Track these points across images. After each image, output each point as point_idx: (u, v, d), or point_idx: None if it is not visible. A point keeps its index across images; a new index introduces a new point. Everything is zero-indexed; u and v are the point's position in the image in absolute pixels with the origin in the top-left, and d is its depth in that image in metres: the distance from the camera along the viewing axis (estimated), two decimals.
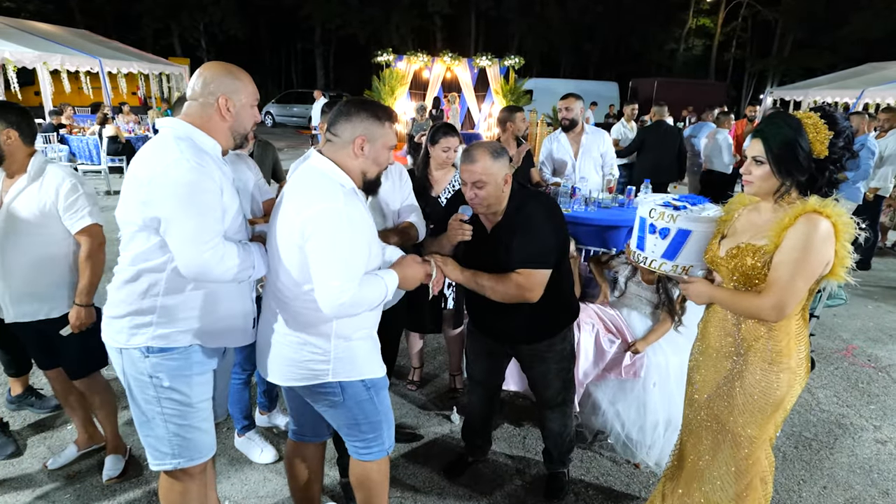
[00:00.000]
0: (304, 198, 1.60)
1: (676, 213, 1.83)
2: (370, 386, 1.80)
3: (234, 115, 1.68)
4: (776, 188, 1.68)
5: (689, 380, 2.08)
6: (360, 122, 1.65)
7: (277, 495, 2.48)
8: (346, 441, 1.90)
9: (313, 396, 1.80)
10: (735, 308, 1.80)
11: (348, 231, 1.57)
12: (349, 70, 31.34)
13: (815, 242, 1.58)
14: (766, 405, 1.80)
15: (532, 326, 2.20)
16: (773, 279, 1.64)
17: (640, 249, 1.96)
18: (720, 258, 1.80)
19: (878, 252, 6.64)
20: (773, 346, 1.76)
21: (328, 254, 1.55)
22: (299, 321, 1.70)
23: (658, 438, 2.74)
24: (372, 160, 1.70)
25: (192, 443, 1.77)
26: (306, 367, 1.72)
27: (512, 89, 14.21)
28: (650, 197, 2.00)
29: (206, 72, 1.69)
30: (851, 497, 2.60)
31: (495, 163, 1.96)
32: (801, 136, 1.62)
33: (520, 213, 2.05)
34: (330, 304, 1.56)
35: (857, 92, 12.11)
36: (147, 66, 13.66)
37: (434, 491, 2.54)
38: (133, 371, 1.68)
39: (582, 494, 2.56)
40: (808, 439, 3.02)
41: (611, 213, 3.94)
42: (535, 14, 27.37)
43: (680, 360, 2.76)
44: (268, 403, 2.92)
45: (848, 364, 3.93)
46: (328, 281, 1.55)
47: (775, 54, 26.67)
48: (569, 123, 4.19)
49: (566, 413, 2.45)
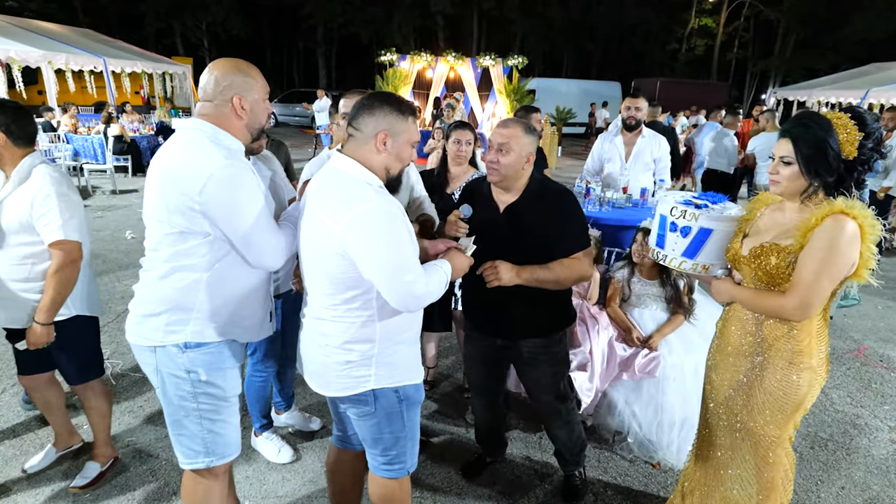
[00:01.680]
0: (338, 205, 1.55)
1: (698, 212, 1.83)
2: (403, 399, 1.77)
3: (248, 112, 1.70)
4: (803, 189, 1.68)
5: (707, 379, 2.08)
6: (382, 117, 1.61)
7: (296, 495, 2.48)
8: (368, 454, 1.87)
9: (347, 404, 1.77)
10: (758, 307, 1.80)
11: (392, 225, 1.55)
12: (351, 69, 31.40)
13: (841, 243, 1.58)
14: (787, 405, 1.80)
15: (532, 320, 2.17)
16: (798, 279, 1.64)
17: (660, 247, 1.96)
18: (743, 257, 1.79)
19: (886, 252, 6.64)
20: (794, 345, 1.76)
21: (385, 252, 1.53)
22: (342, 328, 1.66)
23: (675, 438, 2.74)
24: (395, 156, 1.66)
25: (224, 439, 1.79)
26: (349, 375, 1.69)
27: (515, 89, 14.22)
28: (671, 194, 2.00)
29: (217, 71, 1.67)
30: (870, 497, 2.60)
31: (525, 135, 2.00)
32: (831, 137, 1.61)
33: (551, 198, 2.08)
34: (405, 299, 1.57)
35: (861, 92, 12.10)
36: (150, 66, 13.66)
37: (453, 491, 2.54)
38: (170, 368, 1.69)
39: (601, 495, 2.55)
40: (824, 440, 3.02)
41: (625, 213, 3.94)
42: (537, 14, 27.39)
43: (694, 360, 2.76)
44: (285, 403, 2.91)
45: (860, 364, 3.92)
46: (400, 277, 1.54)
47: (777, 54, 26.67)
48: (634, 123, 4.10)
49: (569, 419, 2.40)
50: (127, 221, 6.99)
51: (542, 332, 2.21)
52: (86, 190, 8.88)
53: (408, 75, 14.02)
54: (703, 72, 29.19)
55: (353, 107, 1.66)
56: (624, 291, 3.06)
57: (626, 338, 2.88)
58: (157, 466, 2.62)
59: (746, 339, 1.87)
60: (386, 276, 1.54)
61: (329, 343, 1.68)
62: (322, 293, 1.66)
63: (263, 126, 1.79)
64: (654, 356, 2.77)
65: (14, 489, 2.45)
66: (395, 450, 1.81)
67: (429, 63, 14.17)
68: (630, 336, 2.86)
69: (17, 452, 2.68)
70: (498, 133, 2.02)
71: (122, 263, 5.46)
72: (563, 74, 29.18)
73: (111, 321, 4.17)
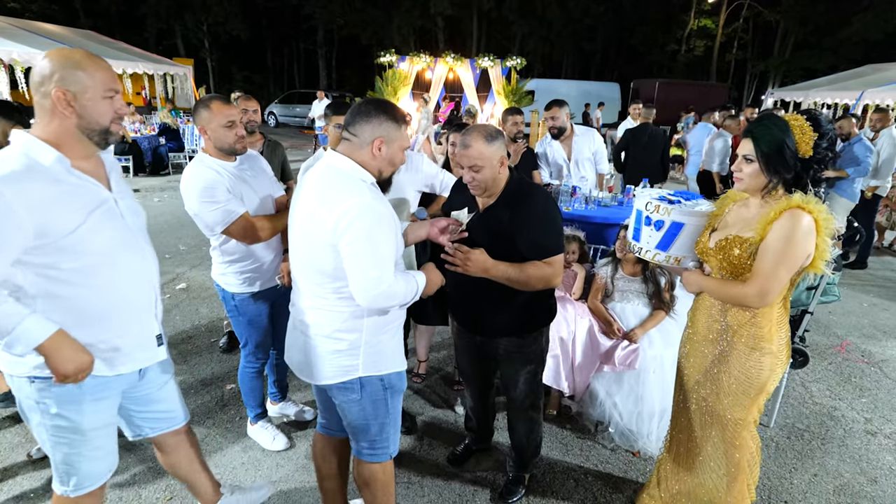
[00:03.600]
0: (333, 196, 1.64)
1: (671, 207, 1.97)
2: (388, 387, 1.87)
3: (76, 110, 1.51)
4: (764, 185, 1.80)
5: (679, 366, 2.20)
6: (378, 125, 1.70)
7: (290, 480, 2.59)
8: (353, 442, 1.96)
9: (334, 392, 1.85)
10: (722, 296, 1.92)
11: (379, 224, 1.64)
12: (351, 70, 31.51)
13: (797, 235, 1.70)
14: (751, 388, 1.92)
15: (507, 320, 2.19)
16: (758, 268, 1.77)
17: (636, 240, 2.10)
18: (710, 249, 1.92)
19: (875, 251, 6.73)
20: (756, 331, 1.89)
21: (364, 246, 1.61)
22: (331, 318, 1.75)
23: (654, 428, 2.85)
24: (388, 161, 1.76)
25: (80, 472, 1.72)
26: (337, 364, 1.78)
27: (514, 90, 14.31)
28: (647, 191, 2.13)
29: (45, 60, 1.49)
30: (841, 484, 2.70)
31: (489, 146, 1.97)
32: (788, 137, 1.74)
33: (522, 203, 2.05)
34: (367, 294, 1.63)
35: (856, 93, 12.18)
36: (152, 67, 13.76)
37: (441, 476, 2.65)
38: (23, 396, 1.64)
39: (581, 481, 2.66)
40: (801, 430, 3.12)
41: (610, 212, 4.05)
42: (536, 15, 27.44)
43: (673, 353, 2.85)
44: (280, 394, 3.02)
45: (842, 359, 4.02)
46: (366, 272, 1.61)
47: (776, 55, 26.72)
48: (557, 132, 4.29)
49: (533, 419, 2.44)
50: None
51: (517, 332, 2.24)
52: None
53: (407, 76, 14.11)
54: (702, 73, 29.25)
55: (350, 112, 1.75)
56: (607, 287, 3.16)
57: (606, 330, 2.98)
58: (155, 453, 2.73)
59: (713, 327, 2.00)
60: (355, 268, 1.62)
61: (318, 332, 1.77)
62: (312, 283, 1.75)
63: (105, 128, 1.59)
64: (633, 348, 2.88)
65: (20, 473, 2.57)
66: (378, 435, 1.91)
67: (428, 64, 14.26)
68: (611, 329, 2.97)
69: (22, 440, 2.79)
70: (463, 155, 1.99)
71: None
72: (562, 75, 29.30)
73: None
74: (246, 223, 2.30)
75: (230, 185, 2.28)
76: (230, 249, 2.43)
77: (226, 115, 2.25)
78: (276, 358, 2.88)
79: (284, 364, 2.92)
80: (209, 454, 2.73)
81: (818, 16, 23.85)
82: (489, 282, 2.00)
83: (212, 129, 2.25)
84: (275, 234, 2.45)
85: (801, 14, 24.61)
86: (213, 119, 2.24)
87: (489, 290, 2.06)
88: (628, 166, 6.36)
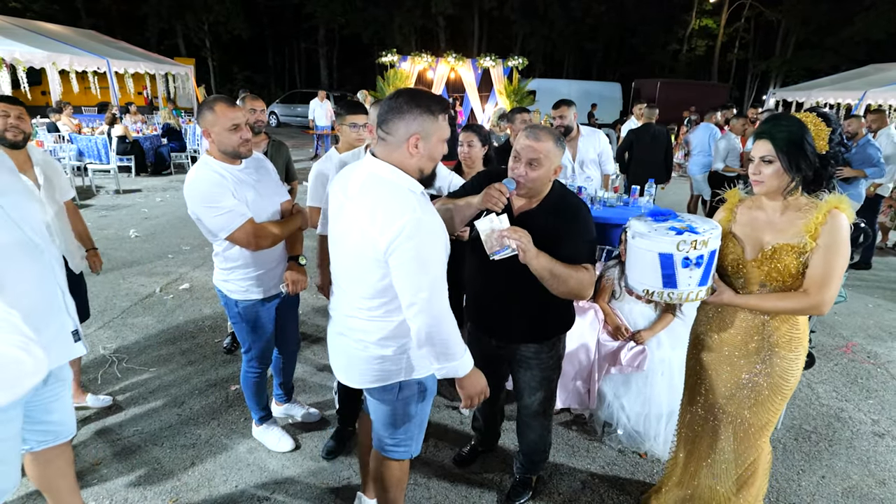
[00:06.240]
0: (384, 214, 1.55)
1: (706, 237, 1.74)
2: (424, 389, 1.86)
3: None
4: (786, 185, 1.77)
5: (700, 379, 2.12)
6: (413, 120, 1.58)
7: (296, 481, 2.58)
8: (376, 434, 1.96)
9: (373, 391, 1.85)
10: (777, 310, 1.83)
11: (431, 241, 1.57)
12: (353, 70, 31.47)
13: (843, 237, 1.70)
14: (787, 388, 1.91)
15: (527, 326, 2.15)
16: (816, 275, 1.72)
17: (673, 287, 1.79)
18: (748, 262, 1.85)
19: (879, 252, 6.72)
20: (793, 334, 1.87)
21: (415, 267, 1.55)
22: (380, 327, 1.71)
23: (662, 430, 2.83)
24: (427, 157, 1.64)
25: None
26: (380, 369, 1.76)
27: (515, 90, 14.30)
28: (641, 227, 1.86)
29: None
30: (849, 487, 2.69)
31: (556, 148, 1.91)
32: (806, 133, 1.72)
33: (569, 209, 1.97)
34: (415, 314, 1.58)
35: (859, 93, 12.17)
36: (153, 66, 13.76)
37: (447, 478, 2.63)
38: None
39: (588, 483, 2.65)
40: (808, 432, 3.11)
41: (615, 212, 4.03)
42: (538, 15, 27.43)
43: (681, 354, 2.84)
44: (285, 396, 3.01)
45: (848, 360, 4.01)
46: (417, 293, 1.56)
47: (778, 55, 26.69)
48: (564, 130, 4.21)
49: (545, 425, 2.41)
50: (131, 220, 7.10)
51: (536, 338, 2.19)
52: (90, 190, 8.99)
53: (408, 76, 14.10)
54: (703, 72, 29.22)
55: (382, 109, 1.63)
56: (615, 289, 3.15)
57: (613, 332, 2.97)
58: (161, 455, 2.73)
59: (752, 339, 1.92)
60: (406, 288, 1.58)
61: (364, 339, 1.74)
62: (359, 296, 1.71)
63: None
64: (640, 349, 2.86)
65: None
66: (404, 434, 1.91)
67: (429, 64, 14.25)
68: (619, 331, 2.95)
69: None
70: (529, 147, 1.88)
71: (127, 261, 5.57)
72: (563, 75, 29.27)
73: (116, 317, 4.27)
74: (250, 229, 2.24)
75: (235, 190, 2.23)
76: (233, 256, 2.36)
77: (230, 117, 2.20)
78: (282, 361, 2.86)
79: (290, 366, 2.93)
80: (214, 455, 2.73)
81: (820, 15, 23.82)
82: (512, 285, 1.94)
83: (216, 133, 2.21)
84: (280, 241, 2.41)
85: (803, 13, 24.59)
86: (217, 122, 2.19)
87: (511, 295, 2.01)
88: (632, 166, 6.35)
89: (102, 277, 4.99)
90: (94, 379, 3.37)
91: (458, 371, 1.69)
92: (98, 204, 8.18)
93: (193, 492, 2.50)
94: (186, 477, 2.59)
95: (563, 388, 2.93)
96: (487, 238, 1.80)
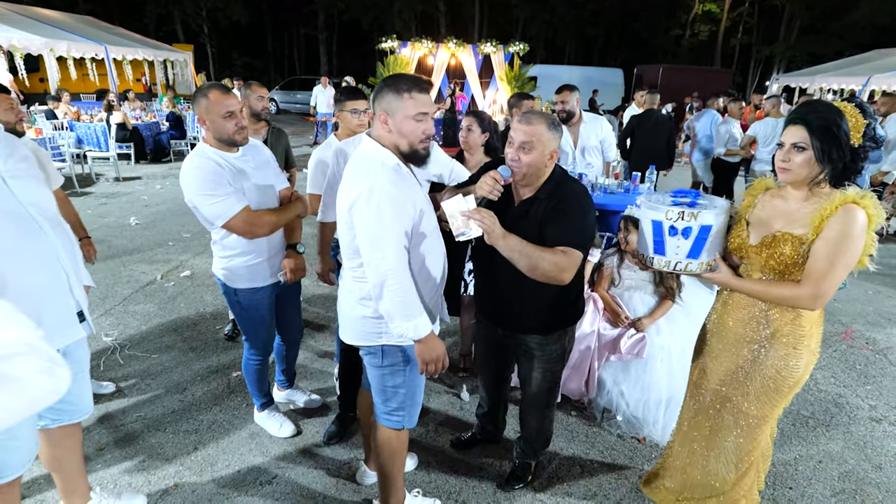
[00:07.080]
0: (352, 180, 1.78)
1: (696, 210, 1.79)
2: (408, 358, 1.96)
3: None
4: (814, 176, 1.68)
5: (701, 366, 2.11)
6: (381, 98, 1.77)
7: (297, 466, 2.61)
8: (374, 402, 2.08)
9: (362, 352, 2.02)
10: (769, 297, 1.80)
11: (389, 207, 1.71)
12: (352, 56, 31.24)
13: (855, 233, 1.61)
14: (785, 386, 1.86)
15: (533, 317, 2.14)
16: (813, 268, 1.66)
17: (661, 254, 1.88)
18: (751, 247, 1.81)
19: (879, 238, 6.70)
20: (798, 330, 1.81)
21: (370, 229, 1.73)
22: (361, 286, 1.88)
23: (661, 416, 2.85)
24: (398, 132, 1.78)
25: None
26: (364, 328, 1.93)
27: (516, 76, 14.18)
28: (650, 200, 1.92)
29: None
30: (845, 471, 2.72)
31: (548, 132, 1.90)
32: (844, 122, 1.63)
33: (563, 193, 1.95)
34: (371, 273, 1.75)
35: (863, 79, 12.07)
36: (151, 53, 13.68)
37: (446, 463, 2.66)
38: None
39: (587, 467, 2.68)
40: (806, 417, 3.13)
41: (616, 198, 4.03)
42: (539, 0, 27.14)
43: (680, 341, 2.86)
44: (287, 382, 3.04)
45: (846, 347, 4.03)
46: (371, 252, 1.73)
47: (782, 40, 26.41)
48: (566, 116, 4.17)
49: (546, 415, 2.43)
50: (131, 208, 7.10)
51: (542, 329, 2.18)
52: (89, 177, 8.98)
53: (409, 62, 13.98)
54: (706, 58, 28.94)
55: (374, 92, 1.85)
56: (614, 277, 3.15)
57: (613, 319, 2.98)
58: (164, 440, 2.76)
59: (750, 326, 1.89)
60: (363, 248, 1.76)
61: (350, 297, 1.94)
62: (346, 257, 1.91)
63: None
64: (640, 337, 2.87)
65: None
66: (394, 402, 2.02)
67: (430, 50, 14.12)
68: (619, 318, 2.96)
69: None
70: (520, 130, 1.89)
71: (127, 249, 5.58)
72: (565, 61, 28.98)
73: (118, 304, 4.29)
74: (247, 217, 2.24)
75: (231, 178, 2.22)
76: (231, 244, 2.36)
77: (224, 104, 2.21)
78: (285, 348, 2.88)
79: (292, 354, 2.95)
80: (216, 440, 2.76)
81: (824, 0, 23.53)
82: (518, 275, 1.91)
83: (211, 120, 2.23)
84: (278, 229, 2.40)
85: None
86: (211, 109, 2.21)
87: (519, 284, 1.99)
88: (634, 153, 6.32)
89: (103, 265, 5.01)
90: (97, 366, 3.39)
91: (411, 332, 1.79)
92: (98, 191, 8.17)
93: (196, 476, 2.53)
94: (189, 461, 2.62)
95: None
96: (452, 219, 1.83)
